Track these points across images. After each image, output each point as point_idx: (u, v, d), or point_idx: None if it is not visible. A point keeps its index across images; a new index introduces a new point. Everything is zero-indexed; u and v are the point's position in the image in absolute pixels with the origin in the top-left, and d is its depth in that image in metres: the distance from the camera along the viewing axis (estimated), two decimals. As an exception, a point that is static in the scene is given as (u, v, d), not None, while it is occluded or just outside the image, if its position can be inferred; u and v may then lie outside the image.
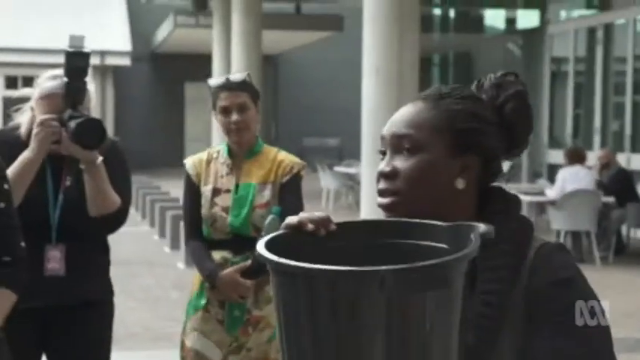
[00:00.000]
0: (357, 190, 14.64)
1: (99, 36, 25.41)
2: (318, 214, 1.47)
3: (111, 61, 25.37)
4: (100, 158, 3.16)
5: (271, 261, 1.33)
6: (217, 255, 3.54)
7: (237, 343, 3.53)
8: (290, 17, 23.45)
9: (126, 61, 25.60)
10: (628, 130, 13.36)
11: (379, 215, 1.71)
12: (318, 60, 28.31)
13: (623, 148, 13.08)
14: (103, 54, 25.03)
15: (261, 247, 1.39)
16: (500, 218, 1.54)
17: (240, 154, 3.59)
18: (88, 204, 3.19)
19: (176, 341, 3.78)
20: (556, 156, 14.73)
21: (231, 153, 3.61)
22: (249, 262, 3.47)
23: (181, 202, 3.94)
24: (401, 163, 1.56)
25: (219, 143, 13.49)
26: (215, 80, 3.65)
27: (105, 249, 3.44)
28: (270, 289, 3.45)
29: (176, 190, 16.79)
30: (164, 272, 9.62)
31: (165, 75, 28.84)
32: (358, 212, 11.18)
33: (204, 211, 3.55)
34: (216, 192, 3.56)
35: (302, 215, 1.46)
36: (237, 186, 3.55)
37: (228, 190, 3.55)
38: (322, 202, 16.61)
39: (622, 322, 7.00)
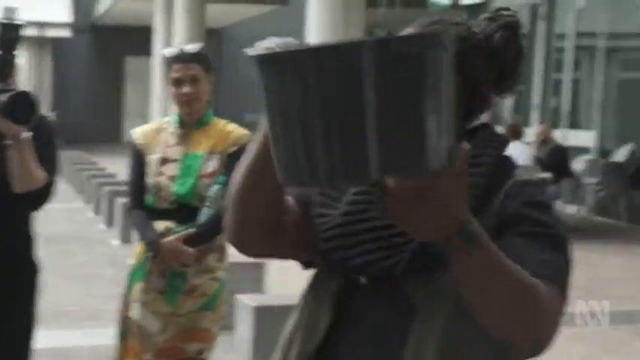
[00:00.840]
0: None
1: (38, 6, 24.99)
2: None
3: (50, 32, 24.85)
4: (29, 134, 3.12)
5: (258, 55, 1.38)
6: (161, 225, 3.56)
7: (174, 311, 3.56)
8: (234, -10, 23.28)
9: (65, 33, 25.17)
10: (565, 106, 13.59)
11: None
12: (262, 34, 28.01)
13: (560, 125, 13.31)
14: (41, 25, 24.44)
15: (251, 51, 1.45)
16: (488, 138, 1.57)
17: (190, 124, 3.63)
18: (14, 180, 3.18)
19: (110, 319, 3.77)
20: (497, 132, 14.88)
21: (181, 123, 3.65)
22: (191, 230, 3.51)
23: (120, 177, 3.97)
24: None
25: (157, 119, 13.38)
26: (169, 51, 3.66)
27: (29, 225, 3.44)
28: (211, 260, 3.53)
29: (113, 166, 16.61)
30: (99, 249, 9.58)
31: (105, 48, 28.48)
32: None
33: (149, 179, 3.59)
34: (163, 161, 3.59)
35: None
36: (184, 155, 3.59)
37: (175, 160, 3.59)
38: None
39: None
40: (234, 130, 3.64)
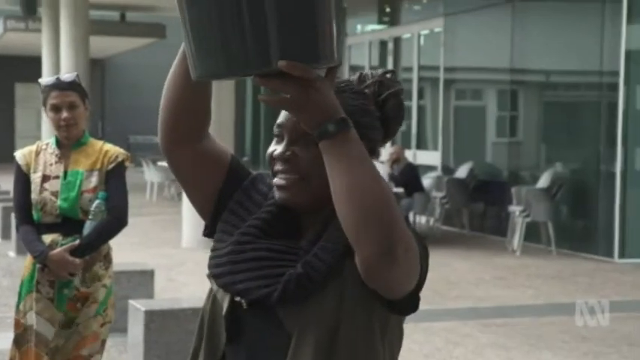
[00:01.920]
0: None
1: None
2: None
3: (-58, 61, 23.99)
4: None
5: None
6: (47, 238, 3.51)
7: (67, 318, 3.51)
8: (116, 24, 22.93)
9: (-43, 62, 24.26)
10: (414, 129, 13.90)
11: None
12: (142, 64, 27.80)
13: (410, 146, 13.59)
14: None
15: None
16: None
17: (68, 145, 3.59)
18: None
19: (6, 325, 3.65)
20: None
21: (59, 144, 3.60)
22: (77, 242, 3.47)
23: (12, 193, 3.85)
24: (300, 149, 1.53)
25: (48, 138, 12.84)
26: (46, 80, 3.61)
27: None
28: (98, 268, 3.48)
29: (6, 183, 16.04)
30: (-6, 261, 9.21)
31: (-4, 75, 27.54)
32: (180, 203, 11.13)
33: (34, 195, 3.53)
34: (45, 178, 3.54)
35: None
36: (65, 172, 3.55)
37: (57, 177, 3.54)
38: (147, 194, 16.35)
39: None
40: (111, 149, 3.62)
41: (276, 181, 1.56)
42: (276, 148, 1.57)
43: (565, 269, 9.03)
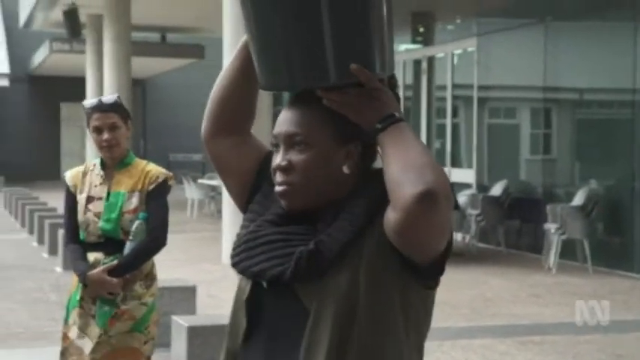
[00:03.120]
0: (219, 199, 14.57)
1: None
2: None
3: (-11, 82, 24.46)
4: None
5: None
6: (91, 256, 3.55)
7: (105, 334, 3.53)
8: (157, 45, 23.17)
9: (4, 82, 24.70)
10: (448, 147, 13.82)
11: (239, 223, 1.73)
12: (182, 84, 28.03)
13: (444, 163, 13.52)
14: (-18, 75, 24.11)
15: None
16: (379, 176, 1.56)
17: (112, 166, 3.61)
18: None
19: (54, 339, 3.69)
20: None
21: (104, 165, 3.62)
22: (115, 261, 3.49)
23: (60, 210, 3.90)
24: (295, 156, 1.57)
25: (92, 157, 13.32)
26: (89, 102, 3.63)
27: None
28: (138, 287, 3.50)
29: (53, 200, 16.24)
30: (43, 276, 9.29)
31: (42, 95, 27.94)
32: (220, 220, 11.15)
33: (79, 216, 3.57)
34: (89, 199, 3.57)
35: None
36: (108, 194, 3.57)
37: (100, 198, 3.57)
38: (187, 211, 16.43)
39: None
40: (153, 169, 3.61)
41: (277, 189, 1.59)
42: (274, 158, 1.61)
43: (601, 287, 8.89)
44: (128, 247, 3.50)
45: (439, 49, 14.43)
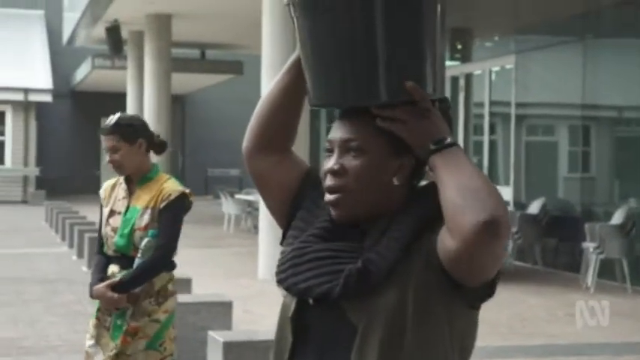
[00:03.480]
0: (255, 215, 14.60)
1: (23, 74, 24.81)
2: None
3: (34, 97, 24.83)
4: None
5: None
6: (111, 268, 3.59)
7: (117, 350, 3.54)
8: (196, 62, 23.37)
9: (47, 98, 25.07)
10: (486, 164, 13.74)
11: (277, 240, 1.73)
12: (221, 99, 28.23)
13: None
14: (26, 91, 24.49)
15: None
16: (427, 193, 1.58)
17: (135, 181, 3.62)
18: None
19: (93, 353, 3.71)
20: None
21: (127, 180, 3.64)
22: (117, 278, 3.51)
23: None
24: (348, 161, 1.57)
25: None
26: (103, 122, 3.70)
27: None
28: (147, 304, 3.49)
29: (92, 214, 16.37)
30: (82, 289, 9.34)
31: (83, 111, 28.29)
32: (257, 235, 11.17)
33: (102, 230, 3.63)
34: (111, 213, 3.61)
35: None
36: (127, 208, 3.58)
37: (120, 212, 3.59)
38: (224, 226, 16.49)
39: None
40: (168, 186, 3.58)
41: (327, 197, 1.59)
42: (326, 163, 1.61)
43: (640, 307, 8.76)
44: (136, 264, 3.51)
45: (477, 66, 14.38)
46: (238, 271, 10.95)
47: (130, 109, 20.66)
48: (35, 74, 25.04)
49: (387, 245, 1.53)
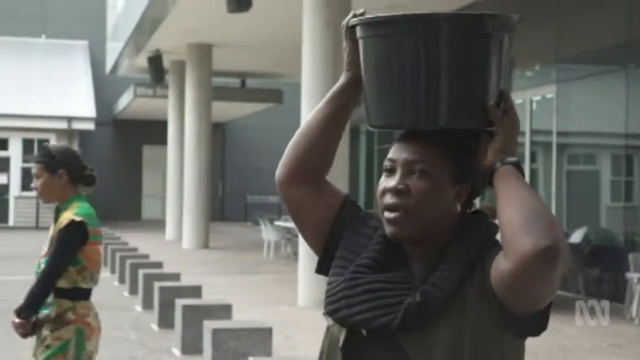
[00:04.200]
0: (295, 241, 14.62)
1: (67, 103, 25.23)
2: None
3: (77, 125, 25.19)
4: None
5: (362, 21, 1.59)
6: None
7: None
8: (236, 90, 23.58)
9: (90, 126, 25.41)
10: (527, 193, 13.63)
11: (314, 264, 1.73)
12: (260, 127, 28.41)
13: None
14: (69, 119, 24.85)
15: (353, 21, 1.63)
16: (479, 221, 1.61)
17: (60, 209, 3.73)
18: None
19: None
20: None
21: (57, 208, 3.76)
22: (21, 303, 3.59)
23: (140, 250, 3.98)
24: (412, 183, 1.58)
25: (172, 198, 13.55)
26: None
27: None
28: (44, 330, 3.52)
29: (134, 240, 16.54)
30: (124, 315, 9.43)
31: (125, 138, 28.65)
32: (296, 262, 11.18)
33: None
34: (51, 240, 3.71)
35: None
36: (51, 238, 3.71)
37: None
38: (264, 253, 16.53)
39: None
40: (65, 215, 3.65)
41: (387, 215, 1.59)
42: (387, 182, 1.60)
43: (686, 338, 8.59)
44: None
45: (518, 95, 14.33)
46: (278, 297, 10.95)
47: (171, 137, 20.87)
48: (79, 103, 25.45)
49: (441, 277, 1.54)
